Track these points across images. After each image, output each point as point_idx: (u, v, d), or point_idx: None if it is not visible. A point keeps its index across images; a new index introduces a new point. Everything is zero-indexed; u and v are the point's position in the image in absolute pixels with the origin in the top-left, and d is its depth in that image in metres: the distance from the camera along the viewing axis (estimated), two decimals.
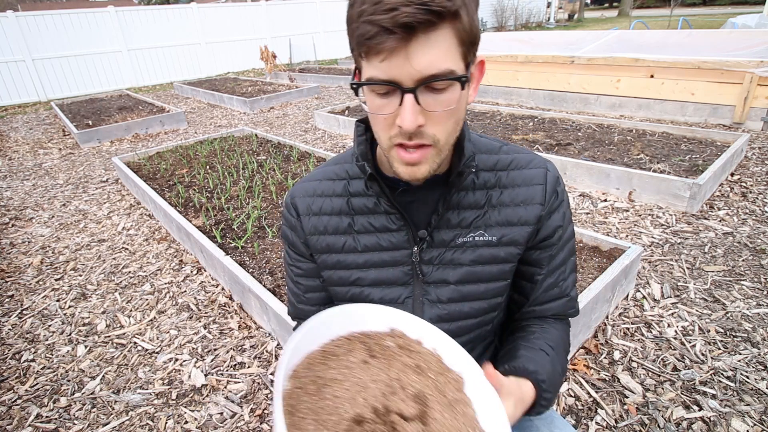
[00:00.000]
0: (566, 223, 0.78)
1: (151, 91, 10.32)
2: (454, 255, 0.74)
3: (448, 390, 0.58)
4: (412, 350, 0.61)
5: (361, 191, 0.75)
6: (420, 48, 0.52)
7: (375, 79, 0.55)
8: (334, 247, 0.77)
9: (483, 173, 0.74)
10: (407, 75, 0.54)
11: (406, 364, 0.59)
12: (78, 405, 1.78)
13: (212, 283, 2.52)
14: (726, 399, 1.57)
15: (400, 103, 0.56)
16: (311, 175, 0.81)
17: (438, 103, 0.56)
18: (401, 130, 0.58)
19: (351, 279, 0.78)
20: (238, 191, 3.43)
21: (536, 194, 0.73)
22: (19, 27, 9.37)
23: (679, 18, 11.05)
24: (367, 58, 0.55)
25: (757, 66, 4.30)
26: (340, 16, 14.15)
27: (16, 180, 4.61)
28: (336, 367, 0.56)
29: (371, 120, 0.63)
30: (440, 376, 0.59)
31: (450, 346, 0.63)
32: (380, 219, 0.75)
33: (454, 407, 0.56)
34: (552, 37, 6.69)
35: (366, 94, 0.60)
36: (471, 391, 0.59)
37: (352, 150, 0.77)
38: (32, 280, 2.71)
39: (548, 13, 22.09)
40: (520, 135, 4.35)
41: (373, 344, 0.61)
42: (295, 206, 0.79)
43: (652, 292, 2.16)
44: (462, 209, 0.73)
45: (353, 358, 0.58)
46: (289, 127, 5.98)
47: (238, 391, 1.78)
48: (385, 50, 0.52)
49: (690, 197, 2.84)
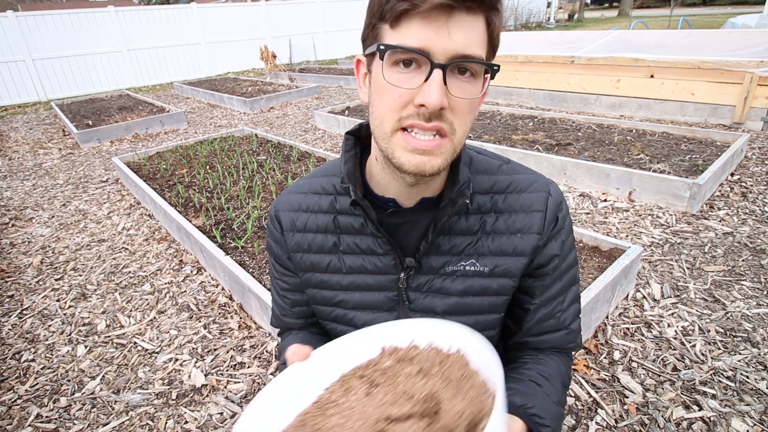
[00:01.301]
0: (565, 252, 0.71)
1: (151, 91, 10.32)
2: (443, 283, 0.70)
3: (453, 373, 0.56)
4: (410, 357, 0.59)
5: (348, 209, 0.71)
6: (459, 25, 0.50)
7: (405, 46, 0.51)
8: (318, 267, 0.73)
9: (478, 196, 0.68)
10: (442, 48, 0.50)
11: (410, 374, 0.56)
12: (78, 405, 1.78)
13: (212, 283, 2.52)
14: (726, 399, 1.57)
15: (426, 79, 0.51)
16: (297, 185, 0.76)
17: (462, 90, 0.53)
18: (420, 110, 0.53)
19: (335, 300, 0.74)
20: (238, 191, 3.43)
21: (534, 222, 0.67)
22: (19, 27, 9.38)
23: (679, 18, 11.05)
24: (398, 24, 0.51)
25: (757, 66, 4.30)
26: (341, 16, 14.17)
27: (16, 180, 4.61)
28: (336, 413, 0.53)
29: (377, 100, 0.57)
30: (443, 366, 0.57)
31: (441, 330, 0.59)
32: (366, 241, 0.70)
33: (461, 386, 0.54)
34: (552, 37, 6.69)
35: (383, 67, 0.54)
36: (476, 362, 0.56)
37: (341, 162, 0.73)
38: (32, 280, 2.71)
39: (548, 13, 22.09)
40: (520, 135, 4.35)
41: (371, 373, 0.57)
42: (279, 220, 0.75)
43: (652, 292, 2.16)
44: (453, 235, 0.68)
45: (354, 396, 0.54)
46: (289, 127, 5.98)
47: (238, 391, 1.78)
48: (431, 16, 0.49)
49: (690, 197, 2.84)
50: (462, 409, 0.51)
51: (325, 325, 0.80)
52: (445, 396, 0.53)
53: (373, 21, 0.54)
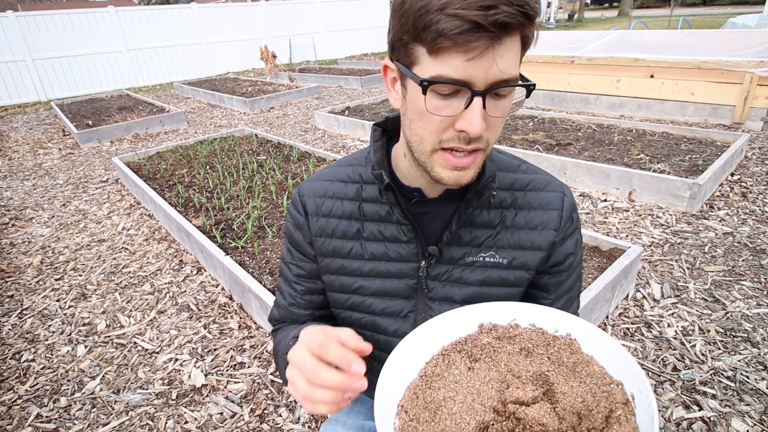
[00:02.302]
0: (577, 250, 0.76)
1: (151, 91, 10.32)
2: (462, 273, 0.72)
3: (563, 357, 0.56)
4: (511, 336, 0.59)
5: (374, 197, 0.73)
6: (504, 50, 0.50)
7: (446, 78, 0.51)
8: (340, 252, 0.75)
9: (499, 192, 0.71)
10: (483, 78, 0.50)
11: (511, 352, 0.57)
12: (78, 405, 1.78)
13: (212, 283, 2.52)
14: (726, 399, 1.57)
15: (466, 106, 0.52)
16: (322, 173, 0.78)
17: (498, 108, 0.54)
18: (461, 135, 0.55)
19: (353, 287, 0.75)
20: (238, 191, 3.43)
21: (551, 219, 0.71)
22: (19, 27, 9.37)
23: (679, 18, 11.05)
24: (441, 55, 0.50)
25: (757, 66, 4.30)
26: (340, 16, 14.17)
27: (16, 180, 4.61)
28: (443, 386, 0.54)
29: (418, 122, 0.57)
30: (550, 348, 0.57)
31: (546, 313, 0.60)
32: (391, 228, 0.72)
33: (576, 371, 0.54)
34: (552, 37, 6.69)
35: (420, 93, 0.54)
36: (588, 348, 0.56)
37: (366, 152, 0.75)
38: (32, 280, 2.71)
39: (548, 13, 22.09)
40: (520, 135, 4.35)
41: (471, 348, 0.58)
42: (304, 205, 0.76)
43: (652, 292, 2.16)
44: (475, 227, 0.71)
45: (456, 370, 0.56)
46: (289, 127, 5.98)
47: (238, 391, 1.78)
48: (476, 49, 0.48)
49: (690, 197, 2.84)
50: (582, 394, 0.51)
51: (338, 314, 0.81)
52: (557, 379, 0.53)
53: (406, 38, 0.53)
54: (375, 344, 0.78)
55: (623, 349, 0.53)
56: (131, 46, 10.89)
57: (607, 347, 0.55)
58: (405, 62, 0.55)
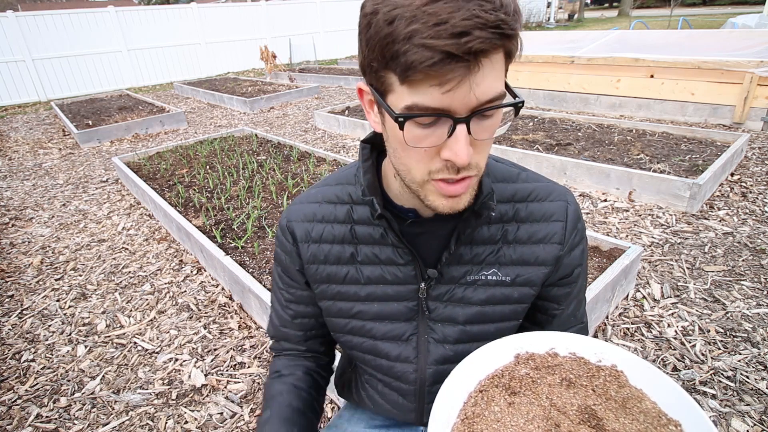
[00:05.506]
0: (584, 259, 0.74)
1: (151, 91, 10.32)
2: (465, 293, 0.69)
3: (611, 390, 0.52)
4: (550, 366, 0.56)
5: (366, 219, 0.69)
6: (482, 74, 0.45)
7: (423, 108, 0.46)
8: (335, 278, 0.72)
9: (500, 205, 0.68)
10: (464, 104, 0.46)
11: (552, 383, 0.54)
12: (78, 405, 1.78)
13: (212, 283, 2.52)
14: (726, 399, 1.57)
15: (449, 135, 0.48)
16: (308, 195, 0.74)
17: (484, 129, 0.50)
18: (448, 164, 0.51)
19: (352, 312, 0.73)
20: (238, 191, 3.43)
21: (556, 232, 0.68)
22: (19, 27, 9.37)
23: (679, 18, 11.05)
24: (415, 85, 0.45)
25: (757, 66, 4.30)
26: (341, 16, 14.17)
27: (16, 180, 4.61)
28: (485, 427, 0.50)
29: (402, 153, 0.53)
30: (594, 379, 0.54)
31: (587, 343, 0.56)
32: (386, 251, 0.69)
33: (626, 407, 0.50)
34: (552, 37, 6.69)
35: (398, 127, 0.50)
36: (637, 381, 0.53)
37: (355, 169, 0.71)
38: (32, 280, 2.71)
39: (548, 13, 22.10)
40: (520, 135, 4.35)
41: (508, 380, 0.55)
42: (292, 231, 0.72)
43: (652, 292, 2.16)
44: (475, 244, 0.68)
45: (497, 407, 0.52)
46: (289, 127, 5.98)
47: (238, 391, 1.78)
48: (452, 80, 0.44)
49: (690, 197, 2.84)
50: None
51: (339, 338, 0.78)
52: (607, 415, 0.49)
53: (376, 65, 0.48)
54: (378, 368, 0.76)
55: (677, 386, 0.50)
56: (131, 46, 10.89)
57: (658, 382, 0.51)
58: (378, 88, 0.51)
